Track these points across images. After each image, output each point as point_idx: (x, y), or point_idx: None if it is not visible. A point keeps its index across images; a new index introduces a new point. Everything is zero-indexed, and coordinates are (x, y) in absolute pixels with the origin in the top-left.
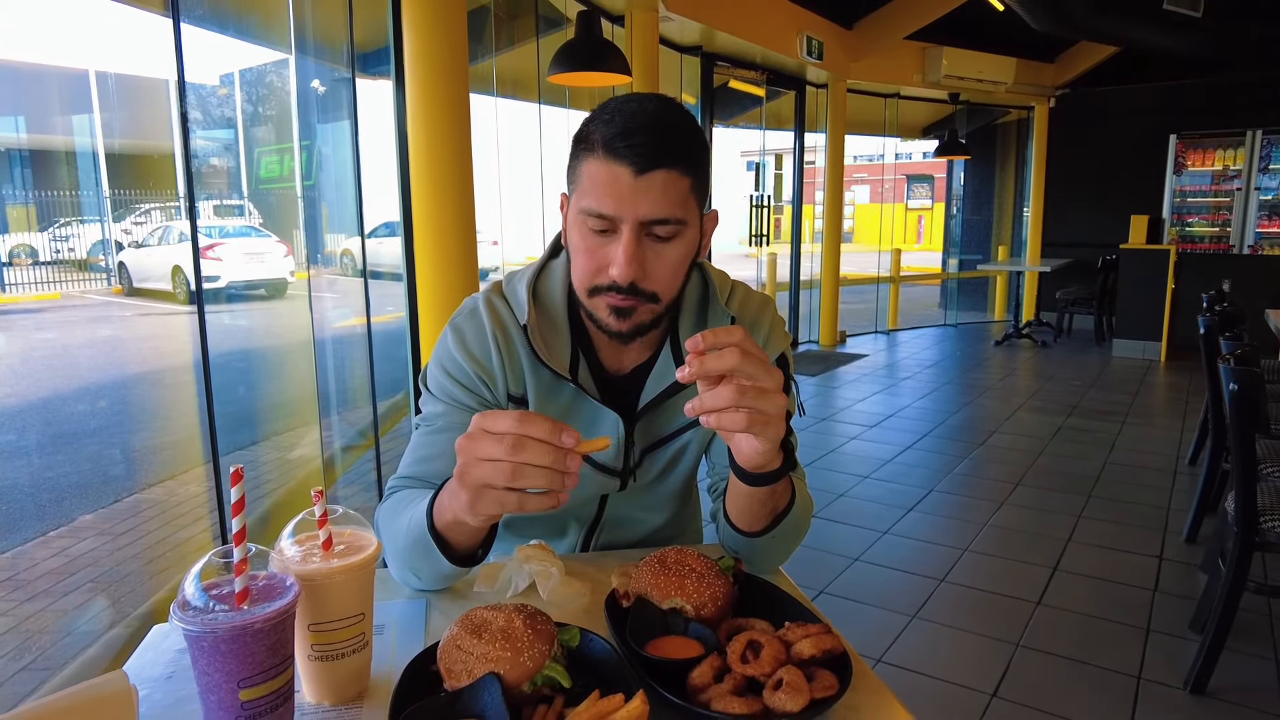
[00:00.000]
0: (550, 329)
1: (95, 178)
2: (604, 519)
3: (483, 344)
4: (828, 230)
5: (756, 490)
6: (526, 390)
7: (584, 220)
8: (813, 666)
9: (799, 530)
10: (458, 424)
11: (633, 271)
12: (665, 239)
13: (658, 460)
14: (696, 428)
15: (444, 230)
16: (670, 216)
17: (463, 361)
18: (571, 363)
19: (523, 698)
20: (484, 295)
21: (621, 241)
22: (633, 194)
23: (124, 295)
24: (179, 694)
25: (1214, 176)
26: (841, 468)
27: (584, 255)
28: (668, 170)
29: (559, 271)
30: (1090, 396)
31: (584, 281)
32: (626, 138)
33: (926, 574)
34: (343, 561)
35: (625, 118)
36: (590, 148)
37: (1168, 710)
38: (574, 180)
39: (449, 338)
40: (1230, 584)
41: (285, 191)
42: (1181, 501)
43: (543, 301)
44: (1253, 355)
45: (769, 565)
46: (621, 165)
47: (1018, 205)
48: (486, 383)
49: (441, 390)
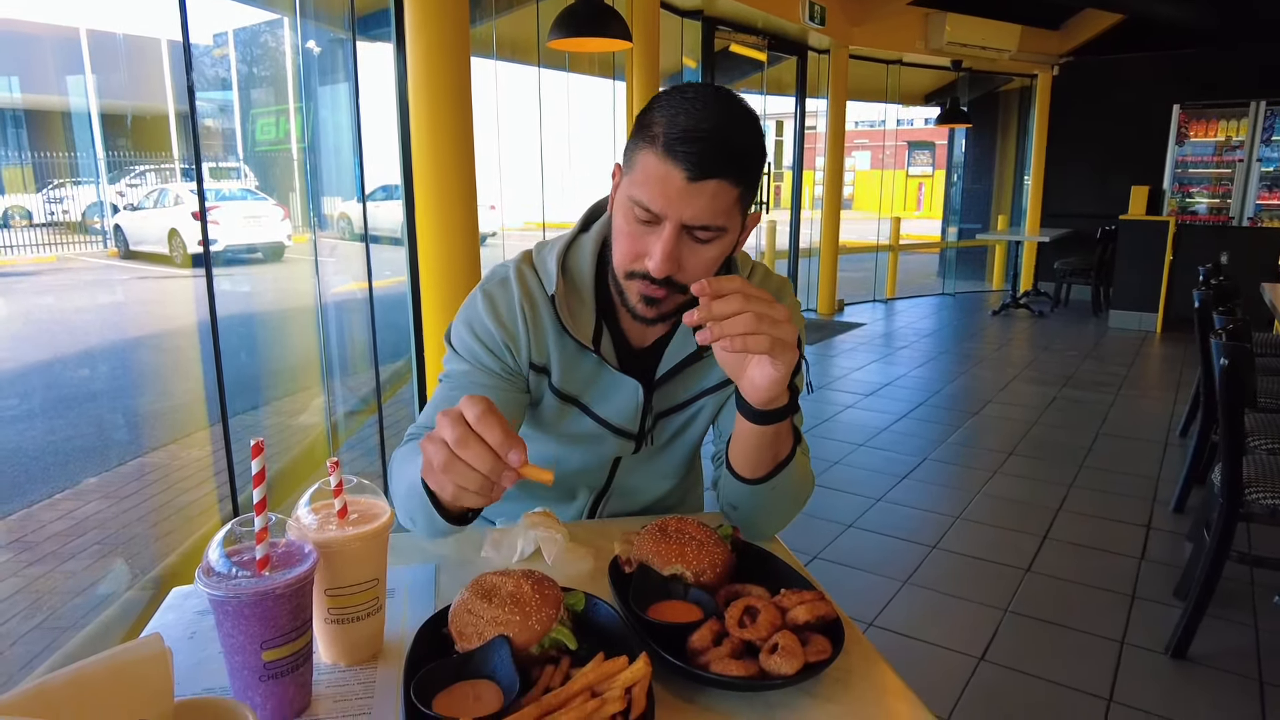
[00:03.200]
0: (576, 300)
1: (89, 139)
2: (613, 486)
3: (511, 312)
4: (828, 197)
5: (763, 432)
6: (549, 359)
7: (631, 206)
8: (807, 631)
9: (797, 492)
10: (479, 384)
11: (668, 268)
12: (704, 241)
13: (670, 426)
14: (709, 396)
15: (445, 195)
16: (713, 224)
17: (491, 327)
18: (595, 333)
19: (531, 659)
20: (514, 265)
21: (662, 238)
22: (680, 197)
23: (120, 259)
24: (201, 654)
25: (1216, 147)
26: (837, 436)
27: (625, 239)
28: (719, 181)
29: (588, 246)
30: (1085, 367)
31: (622, 264)
32: (685, 142)
33: (918, 541)
34: (357, 530)
35: (688, 117)
36: (650, 140)
37: (1148, 674)
38: (630, 164)
39: (479, 302)
40: (1214, 553)
41: (282, 154)
42: (1171, 472)
43: (571, 274)
44: (1244, 330)
45: (766, 530)
46: (676, 167)
47: (1018, 174)
48: (511, 349)
49: (467, 350)
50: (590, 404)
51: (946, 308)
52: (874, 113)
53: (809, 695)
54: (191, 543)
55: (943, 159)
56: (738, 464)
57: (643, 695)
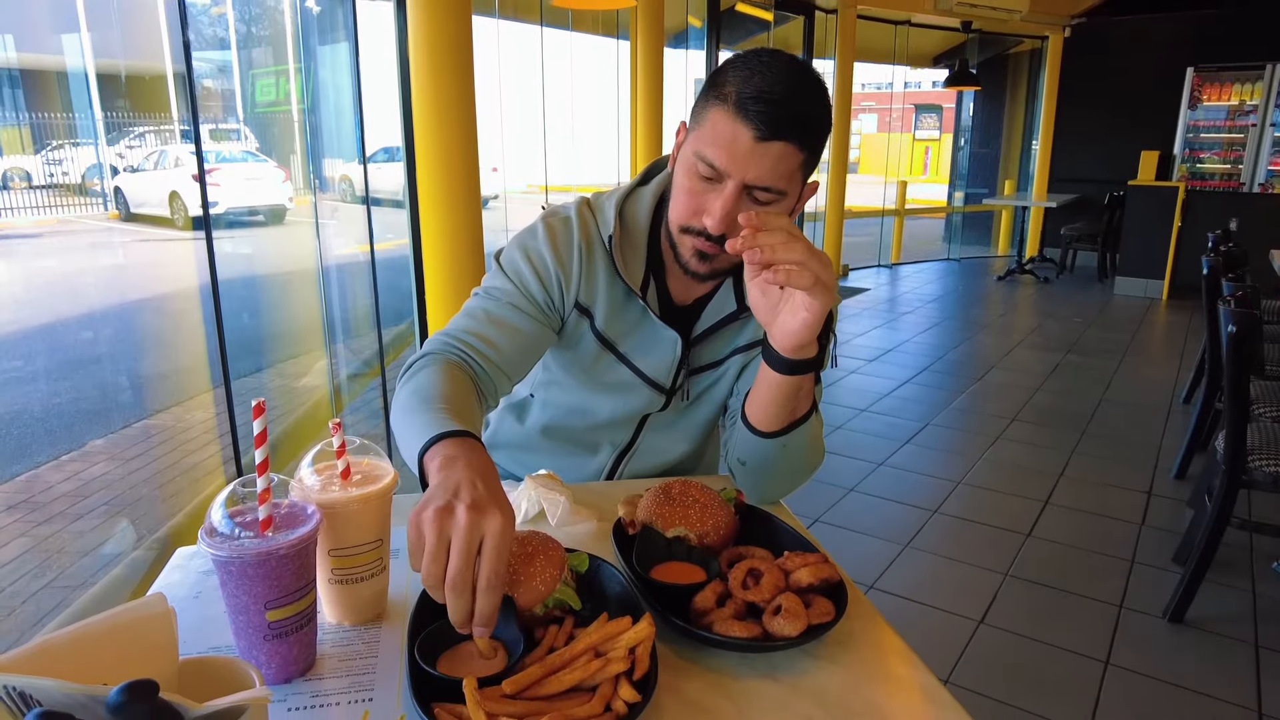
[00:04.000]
0: (630, 249)
1: (87, 99)
2: (637, 443)
3: (568, 248)
4: (833, 161)
5: (784, 383)
6: (596, 301)
7: (695, 162)
8: (810, 594)
9: (808, 457)
10: (518, 306)
11: (725, 226)
12: (764, 203)
13: (700, 383)
14: (737, 356)
15: (446, 157)
16: (774, 186)
17: (547, 257)
18: (643, 283)
19: (535, 619)
20: (576, 206)
21: (723, 197)
22: (746, 156)
23: (121, 221)
24: (206, 613)
25: (1229, 111)
26: (840, 401)
27: (685, 195)
28: (786, 143)
29: (646, 199)
30: (1089, 334)
31: (679, 219)
32: (759, 102)
33: (920, 505)
34: (361, 491)
35: (763, 79)
36: (722, 98)
37: (1145, 637)
38: (698, 120)
39: (540, 231)
40: (1215, 519)
41: (282, 116)
42: (1173, 440)
43: (627, 223)
44: (1253, 297)
45: (771, 493)
46: (745, 126)
47: (1026, 139)
48: (561, 284)
49: (515, 271)
50: (628, 352)
51: (951, 273)
52: (881, 75)
53: (811, 656)
54: (197, 503)
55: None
56: (754, 415)
57: (646, 655)
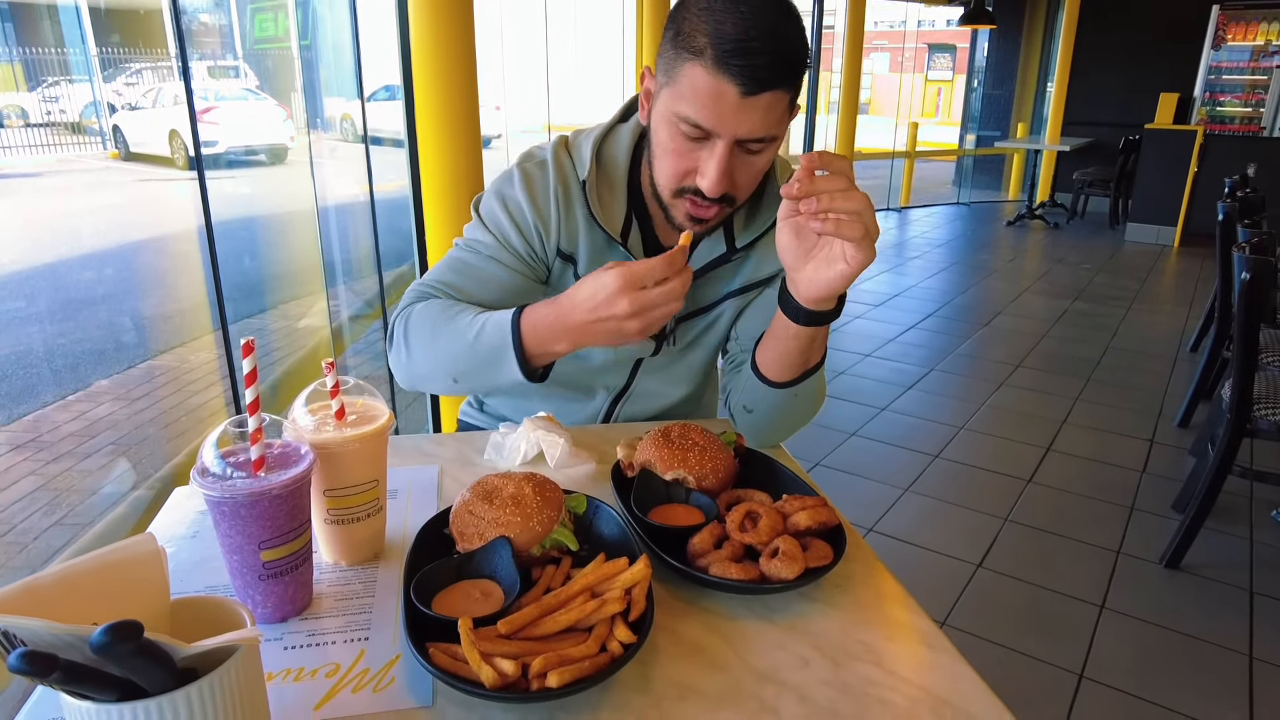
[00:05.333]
0: (608, 189)
1: (80, 34)
2: (632, 388)
3: (545, 195)
4: (844, 101)
5: (800, 333)
6: (578, 249)
7: (676, 123)
8: (808, 537)
9: (814, 403)
10: (499, 260)
11: (724, 187)
12: (756, 152)
13: (692, 329)
14: (730, 300)
15: (446, 94)
16: (768, 135)
17: (525, 207)
18: (624, 226)
19: (532, 560)
20: (552, 148)
21: (715, 156)
22: (735, 113)
23: (121, 160)
24: (204, 552)
25: (1253, 52)
26: (844, 346)
27: (672, 157)
28: (774, 92)
29: (625, 136)
30: (1098, 281)
31: (669, 183)
32: (741, 54)
33: (922, 450)
34: (356, 431)
35: (735, 25)
36: (696, 52)
37: (1140, 581)
38: (672, 77)
39: (517, 180)
40: (1217, 467)
41: (281, 52)
42: (1179, 387)
43: (605, 163)
44: (1269, 244)
45: (773, 437)
46: (729, 83)
47: (1041, 80)
48: (541, 233)
49: (495, 224)
50: None
51: (961, 218)
52: (894, 12)
53: (808, 599)
54: (200, 444)
55: (964, 63)
56: (765, 365)
57: (642, 596)
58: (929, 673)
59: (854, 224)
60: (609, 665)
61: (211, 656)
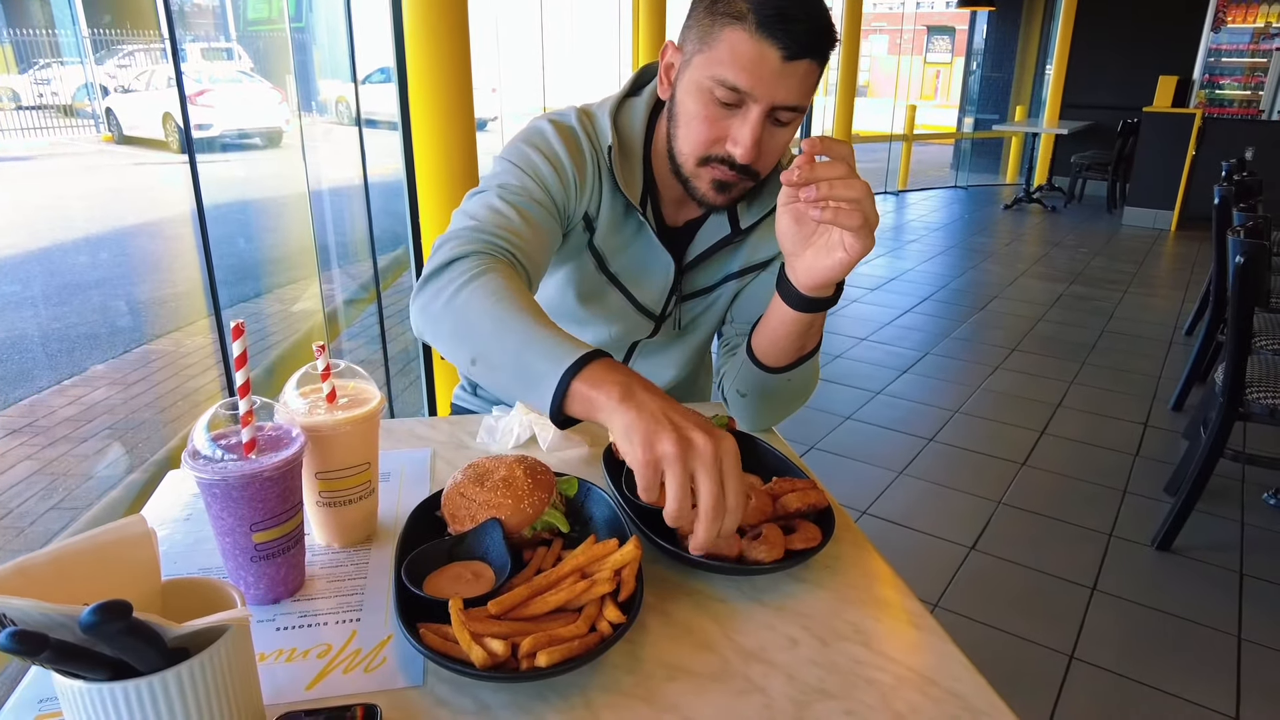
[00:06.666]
0: (626, 162)
1: (70, 15)
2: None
3: (581, 156)
4: (842, 83)
5: (798, 320)
6: (599, 215)
7: (711, 88)
8: (798, 519)
9: (807, 388)
10: (539, 202)
11: (756, 154)
12: (785, 123)
13: (691, 310)
14: (729, 282)
15: (440, 76)
16: (800, 104)
17: (563, 157)
18: (640, 200)
19: (523, 542)
20: (575, 113)
21: (749, 122)
22: (775, 78)
23: (115, 143)
24: (197, 534)
25: (1253, 35)
26: (839, 330)
27: (702, 123)
28: (811, 60)
29: (640, 110)
30: (1095, 264)
31: (697, 150)
32: (784, 20)
33: (916, 433)
34: (347, 414)
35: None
36: (737, 17)
37: (1132, 564)
38: (708, 43)
39: (550, 132)
40: (1209, 449)
41: (274, 34)
42: (1173, 371)
43: (622, 135)
44: (1264, 228)
45: (766, 421)
46: (772, 46)
47: (1040, 63)
48: (577, 186)
49: (531, 167)
50: (619, 273)
51: (958, 201)
52: None
53: (797, 580)
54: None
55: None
56: (761, 350)
57: (632, 577)
58: (916, 652)
59: (853, 213)
60: (598, 645)
61: (202, 636)
